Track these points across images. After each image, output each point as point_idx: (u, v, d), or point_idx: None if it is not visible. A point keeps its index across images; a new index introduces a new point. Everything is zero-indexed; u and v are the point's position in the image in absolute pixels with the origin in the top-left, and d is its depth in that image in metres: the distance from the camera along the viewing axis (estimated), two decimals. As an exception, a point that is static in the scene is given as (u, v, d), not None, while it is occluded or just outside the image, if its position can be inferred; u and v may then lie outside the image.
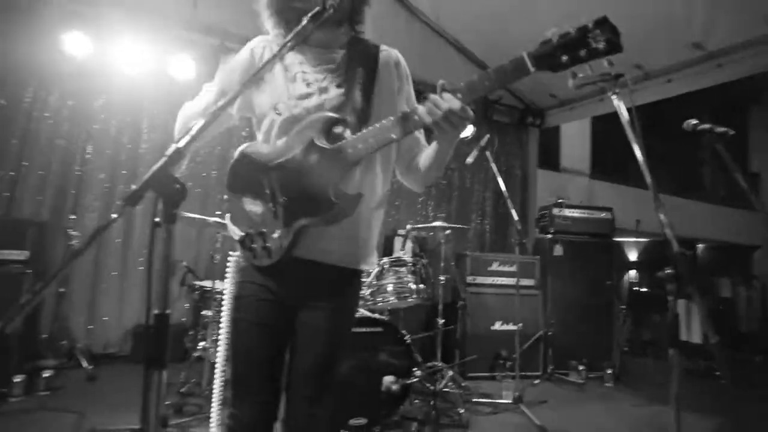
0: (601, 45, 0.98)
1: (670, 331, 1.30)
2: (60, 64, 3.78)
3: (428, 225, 3.76)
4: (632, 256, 8.72)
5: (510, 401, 3.49)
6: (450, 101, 1.11)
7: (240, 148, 1.36)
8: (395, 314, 3.82)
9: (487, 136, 3.76)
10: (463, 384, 3.77)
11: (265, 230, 1.30)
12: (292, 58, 1.36)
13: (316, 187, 1.23)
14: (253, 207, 1.32)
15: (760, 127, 9.81)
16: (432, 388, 3.27)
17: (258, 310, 1.34)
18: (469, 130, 5.27)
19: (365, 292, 3.21)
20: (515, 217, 3.63)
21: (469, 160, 3.84)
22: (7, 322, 0.88)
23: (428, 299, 3.48)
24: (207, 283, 3.31)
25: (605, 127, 6.87)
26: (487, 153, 3.78)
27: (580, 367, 4.36)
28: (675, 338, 1.30)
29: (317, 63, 1.36)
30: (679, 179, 8.80)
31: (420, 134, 1.43)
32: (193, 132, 0.94)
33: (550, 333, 4.45)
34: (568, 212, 4.83)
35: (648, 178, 1.60)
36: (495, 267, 4.54)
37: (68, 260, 0.89)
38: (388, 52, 1.41)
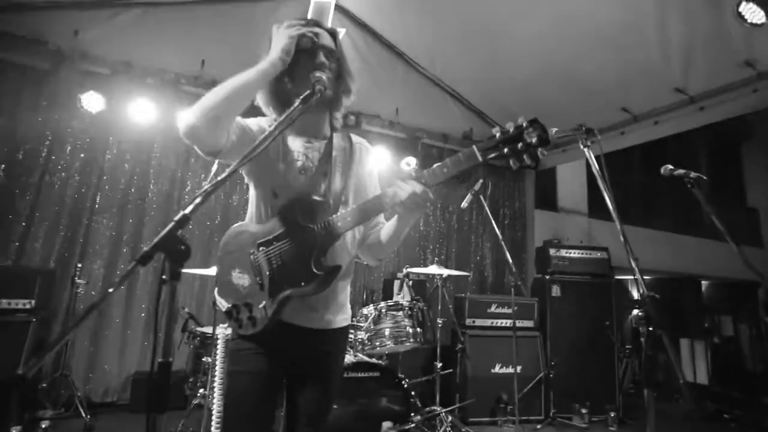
0: (534, 140, 1.17)
1: (645, 372, 1.35)
2: (74, 120, 4.02)
3: (426, 270, 3.82)
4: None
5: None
6: (414, 185, 1.29)
7: (230, 229, 1.53)
8: (394, 358, 3.83)
9: (480, 181, 3.88)
10: (463, 429, 3.73)
11: (250, 301, 1.42)
12: (290, 143, 1.52)
13: (300, 261, 1.38)
14: (240, 280, 1.45)
15: (754, 162, 9.97)
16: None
17: (253, 361, 1.43)
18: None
19: (363, 336, 3.25)
20: (509, 259, 3.71)
21: (464, 205, 3.95)
22: (29, 369, 0.97)
23: (426, 343, 3.51)
24: (208, 330, 3.37)
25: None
26: (481, 197, 3.90)
27: (583, 411, 4.30)
28: (650, 379, 1.35)
29: (305, 151, 1.53)
30: (681, 216, 8.87)
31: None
32: (198, 200, 1.06)
33: (551, 375, 4.42)
34: (565, 253, 4.90)
35: (618, 225, 1.70)
36: (493, 309, 4.57)
37: (85, 314, 1.00)
38: (360, 143, 1.64)
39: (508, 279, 5.54)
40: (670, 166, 2.31)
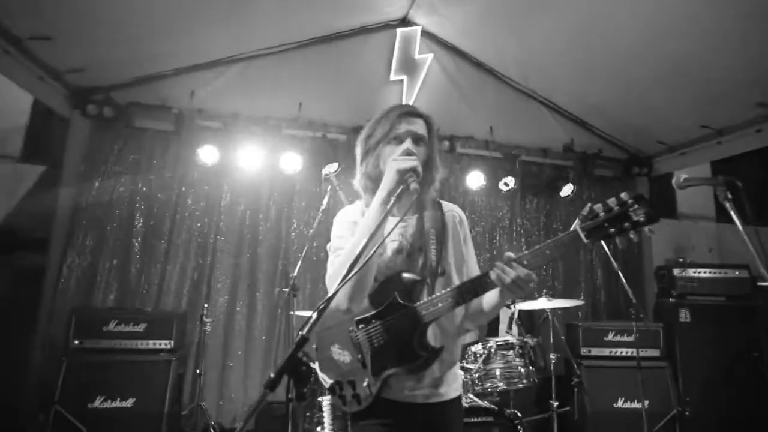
0: (642, 218, 1.17)
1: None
2: (195, 173, 4.48)
3: (535, 306, 3.61)
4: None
5: (645, 500, 3.13)
6: (517, 269, 1.26)
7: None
8: (505, 394, 3.68)
9: (589, 205, 3.59)
10: (586, 471, 3.47)
11: (353, 379, 1.44)
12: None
13: (401, 340, 1.38)
14: (341, 357, 1.48)
15: None
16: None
17: None
18: (568, 190, 5.11)
19: (473, 376, 3.18)
20: (626, 286, 3.41)
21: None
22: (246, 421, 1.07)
23: (539, 373, 3.35)
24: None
25: (731, 165, 6.15)
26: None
27: (734, 456, 3.77)
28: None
29: (400, 230, 1.54)
30: None
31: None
32: (313, 318, 1.10)
33: (686, 413, 3.94)
34: (693, 272, 4.35)
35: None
36: (611, 337, 4.19)
37: (253, 411, 1.07)
38: (452, 211, 1.62)
39: (625, 306, 5.05)
40: None
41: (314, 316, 1.12)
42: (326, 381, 1.52)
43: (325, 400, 2.10)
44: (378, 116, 1.56)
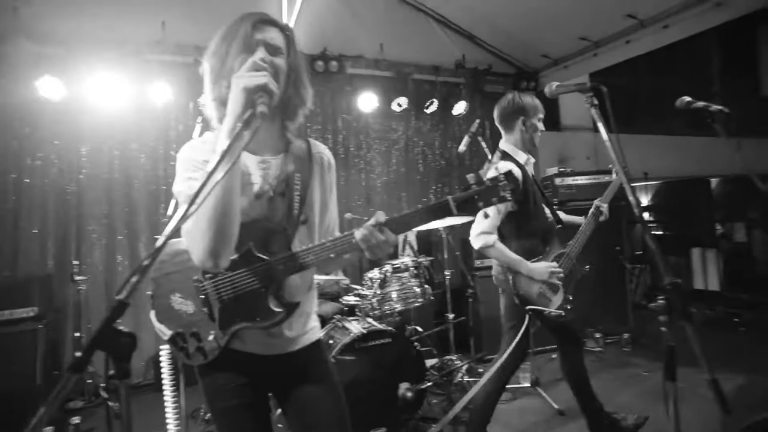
0: (508, 194, 1.22)
1: (667, 363, 1.24)
2: (40, 109, 3.75)
3: (427, 227, 3.68)
4: (644, 199, 8.56)
5: (528, 385, 3.53)
6: (386, 233, 1.22)
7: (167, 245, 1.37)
8: (406, 312, 3.82)
9: (477, 121, 3.62)
10: (479, 370, 3.81)
11: (197, 330, 1.32)
12: (243, 164, 1.32)
13: (255, 295, 1.27)
14: (183, 306, 1.34)
15: (769, 48, 9.25)
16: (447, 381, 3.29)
17: (232, 395, 1.36)
18: (461, 107, 5.12)
19: (371, 301, 3.22)
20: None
21: (462, 148, 3.71)
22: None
23: (437, 288, 3.48)
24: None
25: (605, 79, 6.58)
26: (479, 139, 3.66)
27: (597, 335, 4.37)
28: (672, 372, 1.24)
29: (261, 170, 1.34)
30: (692, 118, 8.40)
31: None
32: (134, 280, 0.91)
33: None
34: (571, 180, 4.71)
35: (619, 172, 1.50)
36: (502, 248, 4.48)
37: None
38: (321, 154, 1.45)
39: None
40: (687, 99, 2.18)
41: (135, 278, 0.93)
42: (164, 332, 1.37)
43: (163, 352, 1.92)
44: (226, 27, 1.29)
